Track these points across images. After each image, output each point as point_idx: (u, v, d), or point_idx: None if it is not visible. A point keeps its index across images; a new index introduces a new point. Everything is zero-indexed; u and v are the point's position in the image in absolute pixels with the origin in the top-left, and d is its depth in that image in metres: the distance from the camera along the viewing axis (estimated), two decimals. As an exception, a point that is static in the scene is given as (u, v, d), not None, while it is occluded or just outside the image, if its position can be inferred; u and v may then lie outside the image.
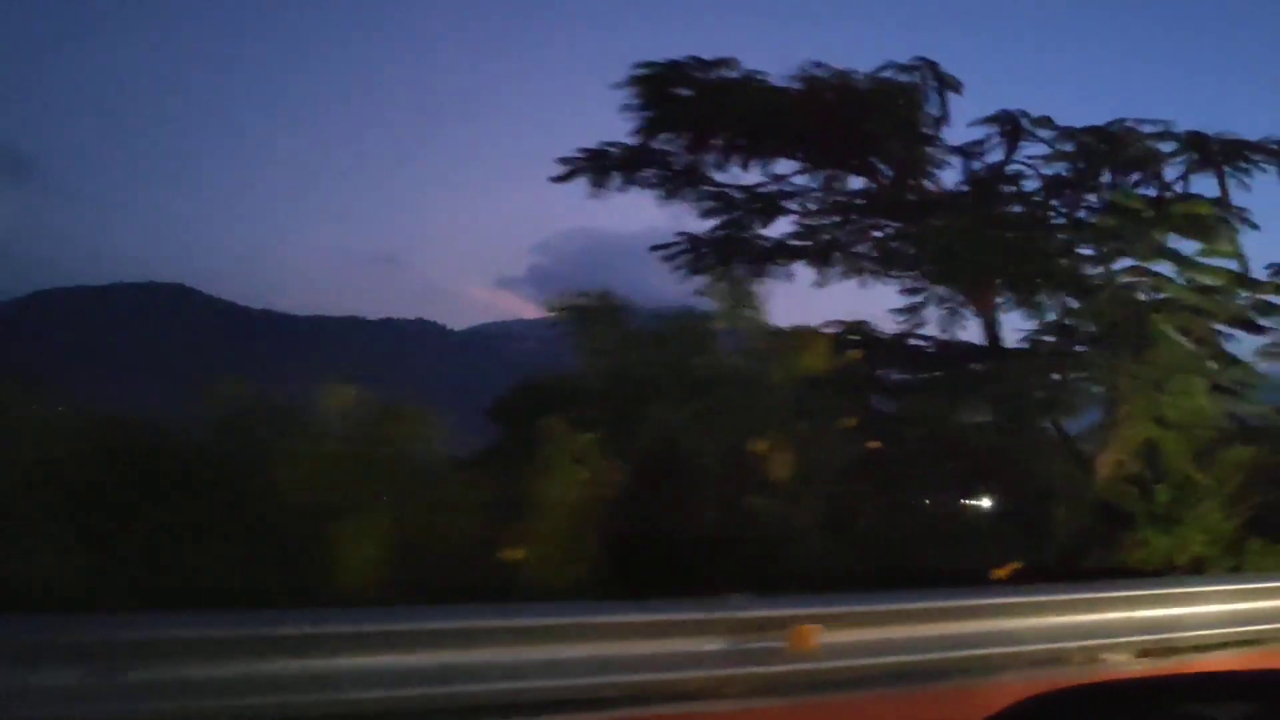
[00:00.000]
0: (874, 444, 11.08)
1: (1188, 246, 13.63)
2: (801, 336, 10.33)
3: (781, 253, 16.24)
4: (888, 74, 13.69)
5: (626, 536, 9.40)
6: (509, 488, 8.54)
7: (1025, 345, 13.07)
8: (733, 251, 16.20)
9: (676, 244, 16.22)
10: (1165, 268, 13.49)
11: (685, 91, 13.19)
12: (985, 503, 12.01)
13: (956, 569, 10.21)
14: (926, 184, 13.67)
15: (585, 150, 15.61)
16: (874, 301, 14.97)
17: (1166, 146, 14.88)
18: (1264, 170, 14.86)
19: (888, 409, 12.11)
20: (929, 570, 9.82)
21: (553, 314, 10.20)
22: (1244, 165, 14.85)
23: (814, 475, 9.91)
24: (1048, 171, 13.57)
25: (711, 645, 7.49)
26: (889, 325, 14.71)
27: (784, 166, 14.78)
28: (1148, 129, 14.89)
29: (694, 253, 16.24)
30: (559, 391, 10.33)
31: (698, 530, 9.62)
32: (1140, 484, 11.95)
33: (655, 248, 16.30)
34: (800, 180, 15.55)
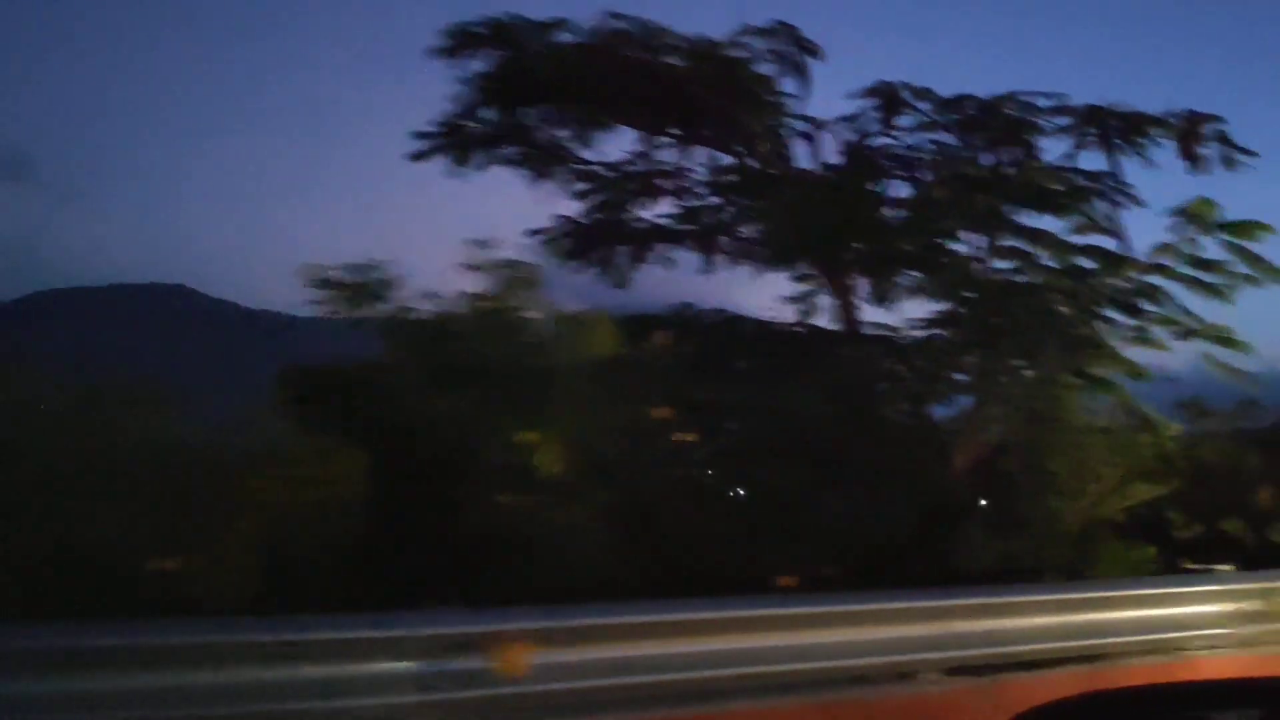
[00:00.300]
0: (687, 436, 10.09)
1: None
2: (589, 321, 9.31)
3: (661, 236, 15.24)
4: (745, 38, 12.68)
5: (373, 542, 8.42)
6: (217, 489, 7.55)
7: (886, 332, 12.08)
8: (610, 235, 15.22)
9: (554, 228, 15.24)
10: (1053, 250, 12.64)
11: (509, 55, 12.12)
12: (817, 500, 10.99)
13: (764, 574, 9.26)
14: (777, 156, 12.63)
15: (441, 124, 14.57)
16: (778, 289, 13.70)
17: (1062, 120, 13.93)
18: (1159, 145, 13.90)
19: (726, 399, 11.05)
20: (729, 576, 8.86)
21: (315, 291, 9.15)
22: (1140, 140, 13.87)
23: (597, 470, 8.93)
24: (912, 141, 12.55)
25: (401, 667, 6.51)
26: (754, 312, 13.71)
27: (642, 142, 13.77)
28: (1042, 102, 13.94)
29: (572, 237, 15.25)
30: (324, 380, 9.34)
31: (462, 533, 8.63)
32: (997, 480, 10.99)
33: (533, 232, 15.28)
34: (670, 157, 14.60)
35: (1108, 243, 12.31)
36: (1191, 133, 13.95)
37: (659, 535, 8.97)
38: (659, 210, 15.12)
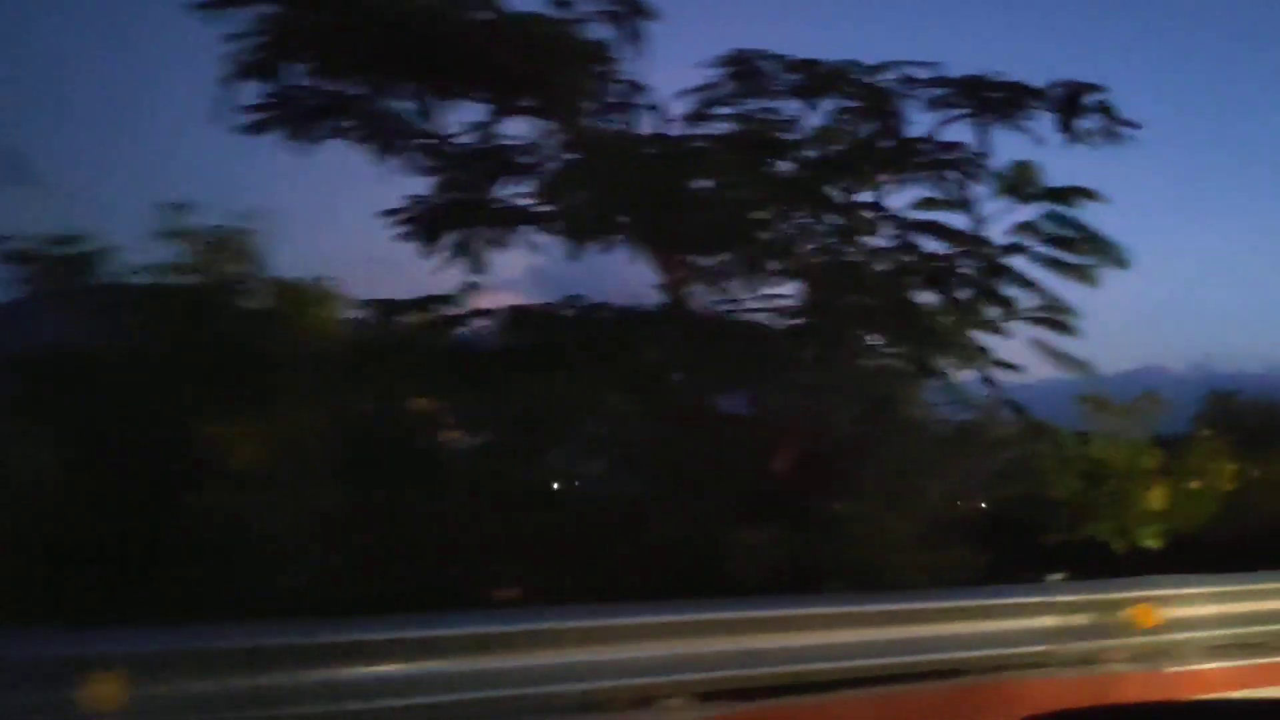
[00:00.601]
0: (454, 432, 9.05)
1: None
2: (314, 296, 8.25)
3: (521, 219, 14.17)
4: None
5: (50, 547, 7.39)
6: None
7: (714, 315, 10.99)
8: (466, 217, 14.15)
9: (407, 208, 14.15)
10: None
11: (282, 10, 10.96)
12: (594, 500, 9.92)
13: (513, 584, 8.23)
14: (605, 126, 11.56)
15: (272, 94, 13.44)
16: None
17: (939, 92, 12.90)
18: (1034, 118, 12.87)
19: (511, 391, 9.94)
20: (464, 588, 7.84)
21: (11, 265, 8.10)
22: (1016, 112, 12.85)
23: (325, 468, 7.88)
24: (752, 108, 11.45)
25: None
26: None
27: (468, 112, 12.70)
28: (921, 73, 12.91)
29: (426, 220, 14.15)
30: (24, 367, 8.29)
31: (158, 538, 7.60)
32: (819, 479, 9.95)
33: (386, 213, 14.19)
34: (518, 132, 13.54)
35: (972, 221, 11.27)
36: (1071, 103, 12.96)
37: (390, 541, 7.93)
38: (519, 190, 14.07)
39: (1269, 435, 15.28)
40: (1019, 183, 10.20)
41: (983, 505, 12.32)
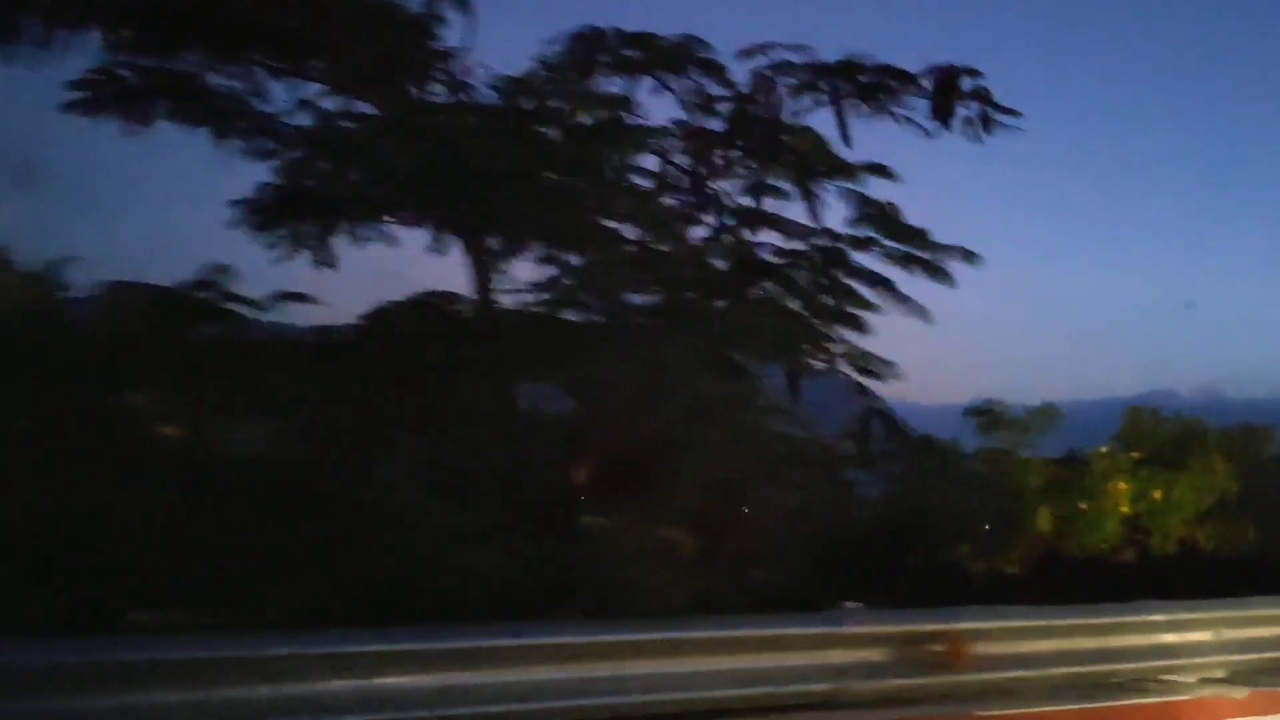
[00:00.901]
0: (173, 429, 8.07)
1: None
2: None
3: (371, 208, 13.19)
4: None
5: None
6: None
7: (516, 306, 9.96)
8: (308, 206, 13.18)
9: (255, 198, 13.19)
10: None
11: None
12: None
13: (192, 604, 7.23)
14: (405, 101, 10.58)
15: (95, 72, 12.53)
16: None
17: (805, 76, 11.90)
18: (902, 104, 11.87)
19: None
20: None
21: None
22: (890, 99, 11.86)
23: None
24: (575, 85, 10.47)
25: None
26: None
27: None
28: (794, 57, 11.92)
29: (264, 208, 13.19)
30: None
31: None
32: (599, 491, 8.92)
33: (234, 202, 13.23)
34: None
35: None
36: (946, 88, 11.95)
37: (51, 554, 6.93)
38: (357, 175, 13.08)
39: (1181, 455, 14.10)
40: (807, 159, 9.15)
41: (834, 521, 11.22)
